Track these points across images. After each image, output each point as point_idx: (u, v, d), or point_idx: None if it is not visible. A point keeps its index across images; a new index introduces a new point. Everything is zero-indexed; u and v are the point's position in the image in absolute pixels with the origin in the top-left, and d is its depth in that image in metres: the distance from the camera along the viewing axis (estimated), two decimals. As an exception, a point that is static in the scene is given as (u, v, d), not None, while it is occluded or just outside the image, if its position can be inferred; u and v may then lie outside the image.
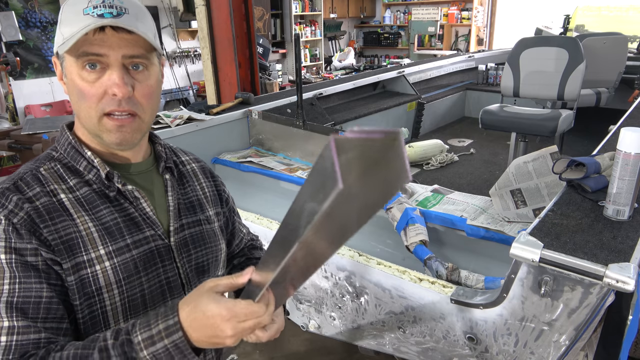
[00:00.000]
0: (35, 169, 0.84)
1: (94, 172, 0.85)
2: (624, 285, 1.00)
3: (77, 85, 0.80)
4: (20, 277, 0.75)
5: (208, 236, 0.99)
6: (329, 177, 0.45)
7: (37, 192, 0.80)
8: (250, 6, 3.45)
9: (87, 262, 0.80)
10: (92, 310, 0.81)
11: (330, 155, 0.45)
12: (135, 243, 0.85)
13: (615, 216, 1.27)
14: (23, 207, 0.78)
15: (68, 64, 0.81)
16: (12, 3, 4.55)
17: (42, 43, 4.85)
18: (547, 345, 1.22)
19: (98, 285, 0.80)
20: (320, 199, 0.47)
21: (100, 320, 0.82)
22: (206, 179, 1.05)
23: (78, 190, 0.84)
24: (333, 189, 0.44)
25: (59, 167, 0.85)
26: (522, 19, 7.51)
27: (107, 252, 0.82)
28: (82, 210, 0.82)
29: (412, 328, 1.52)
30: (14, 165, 4.71)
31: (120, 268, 0.82)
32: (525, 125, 3.00)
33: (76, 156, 0.86)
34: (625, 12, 6.69)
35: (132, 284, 0.84)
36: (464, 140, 3.89)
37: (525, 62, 3.23)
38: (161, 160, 0.96)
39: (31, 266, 0.76)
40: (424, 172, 3.12)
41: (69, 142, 0.87)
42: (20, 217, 0.77)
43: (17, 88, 4.75)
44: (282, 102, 2.84)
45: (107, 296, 0.81)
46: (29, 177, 0.82)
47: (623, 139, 1.23)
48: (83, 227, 0.81)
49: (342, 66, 8.32)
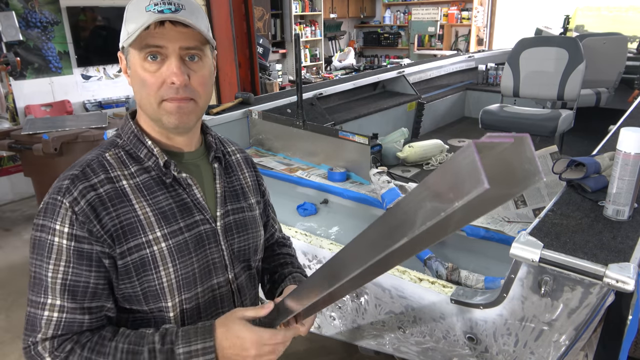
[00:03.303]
0: (101, 154, 0.92)
1: (153, 159, 0.93)
2: (624, 285, 1.00)
3: (139, 75, 0.88)
4: (74, 262, 0.83)
5: (250, 222, 1.06)
6: (467, 178, 0.48)
7: (102, 179, 0.88)
8: (250, 6, 3.46)
9: (146, 243, 0.88)
10: (151, 285, 0.89)
11: (471, 157, 0.48)
12: (188, 226, 0.93)
13: (615, 216, 1.27)
14: (86, 196, 0.85)
15: (132, 56, 0.89)
16: (12, 3, 4.55)
17: (42, 43, 4.85)
18: (547, 345, 1.22)
19: (157, 264, 0.89)
20: (450, 198, 0.51)
21: (158, 293, 0.90)
22: (249, 169, 1.13)
23: (138, 177, 0.91)
24: (476, 188, 0.47)
25: (122, 154, 0.93)
26: (522, 19, 7.51)
27: (163, 234, 0.90)
28: (141, 196, 0.90)
29: (412, 328, 1.52)
30: (14, 165, 4.71)
31: (175, 248, 0.91)
32: (525, 125, 3.00)
33: (138, 144, 0.94)
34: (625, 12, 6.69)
35: (184, 263, 0.92)
36: (464, 140, 3.89)
37: (525, 62, 3.24)
38: (211, 150, 1.03)
39: (85, 253, 0.84)
40: (424, 172, 3.12)
41: (132, 130, 0.95)
42: (81, 206, 0.84)
43: (17, 88, 4.75)
44: (282, 102, 2.85)
45: (164, 273, 0.90)
46: (95, 163, 0.89)
47: (623, 139, 1.23)
48: (142, 212, 0.89)
49: (342, 66, 8.32)
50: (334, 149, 2.25)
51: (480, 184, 0.46)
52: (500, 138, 0.50)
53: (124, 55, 0.92)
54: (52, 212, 0.84)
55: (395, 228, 0.61)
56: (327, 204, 2.12)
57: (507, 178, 0.52)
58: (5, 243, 4.03)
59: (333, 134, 2.25)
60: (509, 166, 0.51)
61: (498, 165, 0.51)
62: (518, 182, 0.53)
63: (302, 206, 2.11)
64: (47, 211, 0.85)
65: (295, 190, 2.21)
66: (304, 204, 2.12)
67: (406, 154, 3.18)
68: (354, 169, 2.18)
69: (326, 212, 2.10)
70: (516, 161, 0.52)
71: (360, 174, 2.15)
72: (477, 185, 0.47)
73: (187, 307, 0.94)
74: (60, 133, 3.41)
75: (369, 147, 2.10)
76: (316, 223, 2.01)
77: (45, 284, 0.83)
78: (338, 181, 2.12)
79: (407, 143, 3.29)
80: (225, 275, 1.00)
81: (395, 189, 1.84)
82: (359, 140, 2.13)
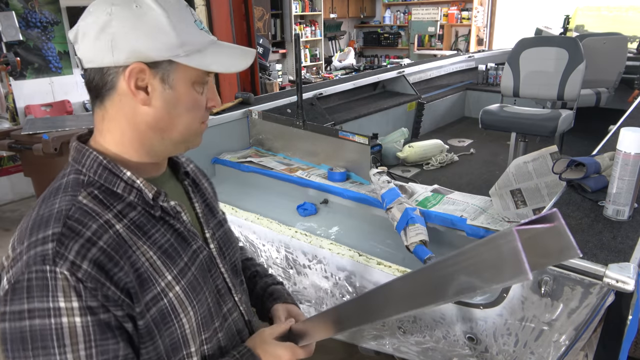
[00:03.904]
0: (73, 200, 0.72)
1: (135, 193, 0.78)
2: (624, 285, 1.00)
3: (193, 97, 0.79)
4: (97, 340, 0.67)
5: (230, 234, 1.01)
6: (509, 265, 0.52)
7: (95, 229, 0.70)
8: (250, 6, 3.46)
9: (162, 292, 0.76)
10: (173, 337, 0.78)
11: (514, 245, 0.51)
12: (190, 259, 0.83)
13: (615, 216, 1.27)
14: (87, 256, 0.67)
15: (182, 75, 0.77)
16: (12, 3, 4.55)
17: (42, 43, 4.85)
18: (547, 345, 1.22)
19: (176, 312, 0.78)
20: (487, 278, 0.55)
21: (180, 344, 0.79)
22: (205, 179, 1.04)
23: (125, 217, 0.76)
24: (518, 277, 0.51)
25: (96, 193, 0.75)
26: (522, 19, 7.50)
27: (173, 276, 0.78)
28: (138, 239, 0.76)
29: (412, 328, 1.52)
30: (14, 165, 4.71)
31: (189, 288, 0.81)
32: (525, 125, 3.00)
33: (110, 177, 0.77)
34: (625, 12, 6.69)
35: (200, 301, 0.83)
36: (464, 140, 3.89)
37: (525, 62, 3.24)
38: (179, 166, 0.93)
39: (105, 324, 0.68)
40: (424, 172, 3.12)
41: (98, 162, 0.77)
42: (85, 270, 0.66)
43: (17, 88, 4.75)
44: (282, 102, 2.85)
45: (185, 320, 0.79)
46: (76, 212, 0.71)
47: (623, 139, 1.23)
48: (146, 258, 0.75)
49: (342, 66, 8.32)
50: (334, 149, 2.26)
51: (523, 274, 0.50)
52: (538, 224, 0.55)
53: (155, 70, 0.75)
54: (42, 288, 0.65)
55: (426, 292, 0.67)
56: (327, 204, 2.12)
57: (542, 253, 0.56)
58: (5, 243, 4.03)
59: (333, 134, 2.25)
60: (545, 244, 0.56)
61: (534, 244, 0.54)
62: (553, 256, 0.57)
63: (302, 206, 2.11)
64: (34, 290, 0.65)
65: (295, 190, 2.21)
66: (304, 204, 2.12)
67: (406, 154, 3.18)
68: (354, 169, 2.18)
69: (326, 212, 2.10)
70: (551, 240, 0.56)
71: (360, 174, 2.15)
72: (519, 275, 0.51)
73: (208, 347, 0.85)
74: (60, 133, 3.41)
75: (369, 147, 2.10)
76: (316, 223, 2.01)
77: None
78: (338, 181, 2.12)
79: (407, 143, 3.30)
80: (232, 300, 0.93)
81: (395, 189, 1.85)
82: (359, 140, 2.13)
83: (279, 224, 1.86)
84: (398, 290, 0.75)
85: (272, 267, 1.96)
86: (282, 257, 1.87)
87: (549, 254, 0.57)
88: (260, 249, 1.96)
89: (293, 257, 1.82)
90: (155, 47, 0.74)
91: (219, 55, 0.80)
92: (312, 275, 1.78)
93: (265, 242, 1.91)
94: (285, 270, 1.90)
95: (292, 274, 1.88)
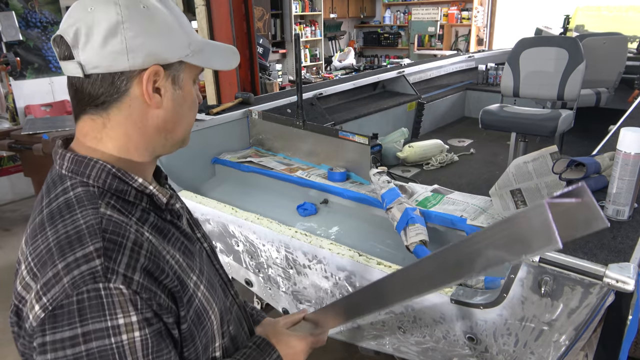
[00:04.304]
0: (98, 212, 0.68)
1: (146, 199, 0.77)
2: (624, 285, 1.00)
3: (193, 94, 0.81)
4: (154, 351, 0.65)
5: None
6: (539, 235, 0.54)
7: (134, 239, 0.68)
8: (250, 6, 3.45)
9: (193, 293, 0.76)
10: (207, 336, 0.79)
11: (545, 217, 0.54)
12: (200, 258, 0.85)
13: (615, 216, 1.27)
14: (136, 267, 0.65)
15: (188, 75, 0.78)
16: (12, 3, 4.55)
17: (42, 43, 4.85)
18: (547, 345, 1.22)
19: (206, 310, 0.79)
20: (517, 250, 0.57)
21: (210, 341, 0.81)
22: None
23: (145, 224, 0.74)
24: (548, 246, 0.53)
25: (113, 203, 0.72)
26: (522, 19, 7.51)
27: (197, 276, 0.78)
28: (162, 243, 0.74)
29: (412, 328, 1.52)
30: (14, 165, 4.71)
31: (209, 286, 0.81)
32: (525, 125, 3.00)
33: (122, 186, 0.74)
34: (625, 12, 6.69)
35: (217, 297, 0.84)
36: (464, 140, 3.89)
37: (525, 62, 3.24)
38: (161, 172, 0.91)
39: (159, 334, 0.67)
40: (424, 172, 3.12)
41: (106, 171, 0.73)
42: (137, 281, 0.65)
43: (17, 88, 4.75)
44: (282, 102, 2.85)
45: (213, 317, 0.81)
46: (109, 225, 0.67)
47: (623, 139, 1.23)
48: (174, 261, 0.74)
49: (342, 66, 8.32)
50: (334, 149, 2.25)
51: (554, 242, 0.52)
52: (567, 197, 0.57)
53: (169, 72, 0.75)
54: (99, 308, 0.61)
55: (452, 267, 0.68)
56: (327, 204, 2.12)
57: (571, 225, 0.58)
58: (5, 243, 4.03)
59: (333, 134, 2.25)
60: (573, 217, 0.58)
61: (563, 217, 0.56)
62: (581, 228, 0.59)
63: (302, 206, 2.11)
64: (88, 310, 0.61)
65: (295, 190, 2.21)
66: (304, 204, 2.12)
67: (406, 154, 3.18)
68: (354, 169, 2.18)
69: (326, 212, 2.10)
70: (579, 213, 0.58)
71: (360, 174, 2.15)
72: (550, 244, 0.53)
73: (225, 340, 0.87)
74: (60, 133, 3.41)
75: (369, 147, 2.10)
76: (316, 223, 2.01)
77: None
78: (338, 181, 2.12)
79: (407, 143, 3.29)
80: (230, 294, 0.95)
81: (395, 189, 1.84)
82: (359, 140, 2.13)
83: (279, 224, 1.86)
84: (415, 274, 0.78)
85: (272, 267, 1.96)
86: (282, 257, 1.87)
87: (577, 226, 0.57)
88: (260, 249, 1.96)
89: (293, 257, 1.82)
90: (169, 49, 0.73)
91: (217, 53, 0.83)
92: (312, 275, 1.78)
93: (265, 242, 1.91)
94: (285, 270, 1.90)
95: (292, 274, 1.88)
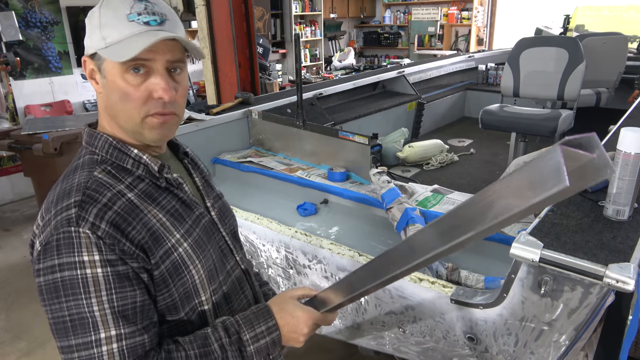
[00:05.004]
0: (89, 175, 0.86)
1: (142, 168, 0.91)
2: (624, 285, 1.00)
3: (120, 88, 0.85)
4: (116, 287, 0.79)
5: (227, 207, 1.13)
6: (549, 177, 0.54)
7: (110, 196, 0.83)
8: (250, 6, 3.45)
9: (172, 248, 0.88)
10: (186, 287, 0.90)
11: (556, 159, 0.54)
12: (194, 222, 0.95)
13: (615, 216, 1.27)
14: (104, 217, 0.80)
15: (109, 66, 0.85)
16: (12, 3, 4.55)
17: (42, 43, 4.85)
18: (547, 345, 1.22)
19: (186, 264, 0.89)
20: (527, 196, 0.56)
21: (192, 293, 0.91)
22: (200, 161, 1.15)
23: (136, 187, 0.89)
24: (557, 185, 0.53)
25: (109, 169, 0.88)
26: (522, 19, 7.51)
27: (181, 235, 0.90)
28: (148, 204, 0.88)
29: (412, 328, 1.52)
30: (14, 165, 4.71)
31: (195, 245, 0.92)
32: (525, 125, 3.00)
33: (120, 156, 0.90)
34: (625, 12, 6.69)
35: (205, 256, 0.94)
36: (464, 140, 3.89)
37: (525, 62, 3.24)
38: (178, 148, 1.06)
39: (123, 274, 0.80)
40: (424, 172, 3.12)
41: (108, 143, 0.90)
42: (103, 229, 0.79)
43: (17, 88, 4.75)
44: (282, 102, 2.85)
45: (195, 271, 0.91)
46: (93, 184, 0.84)
47: (623, 139, 1.23)
48: (156, 220, 0.88)
49: (342, 66, 8.31)
50: (334, 149, 2.26)
51: (562, 182, 0.52)
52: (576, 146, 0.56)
53: (94, 61, 0.87)
54: (69, 246, 0.78)
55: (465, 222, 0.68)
56: (327, 204, 2.12)
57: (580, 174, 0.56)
58: (5, 243, 4.03)
59: (333, 134, 2.25)
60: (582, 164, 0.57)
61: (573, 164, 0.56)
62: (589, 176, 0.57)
63: (302, 206, 2.11)
64: (62, 247, 0.78)
65: (295, 190, 2.21)
66: (304, 204, 2.12)
67: (406, 154, 3.18)
68: (354, 169, 2.18)
69: (326, 212, 2.10)
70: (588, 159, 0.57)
71: (360, 174, 2.15)
72: (559, 183, 0.52)
73: (215, 297, 0.97)
74: (60, 133, 3.41)
75: (369, 147, 2.10)
76: (316, 223, 2.01)
77: (93, 320, 0.78)
78: (338, 181, 2.12)
79: (407, 143, 3.29)
80: (233, 259, 1.05)
81: (395, 189, 1.85)
82: (359, 140, 2.13)
83: (279, 224, 1.86)
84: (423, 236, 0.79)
85: (272, 267, 1.96)
86: (282, 257, 1.88)
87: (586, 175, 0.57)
88: (260, 249, 1.96)
89: (293, 257, 1.82)
90: (90, 44, 0.86)
91: (130, 44, 0.82)
92: (312, 275, 1.78)
93: (265, 242, 1.91)
94: (285, 270, 1.90)
95: (292, 274, 1.88)
